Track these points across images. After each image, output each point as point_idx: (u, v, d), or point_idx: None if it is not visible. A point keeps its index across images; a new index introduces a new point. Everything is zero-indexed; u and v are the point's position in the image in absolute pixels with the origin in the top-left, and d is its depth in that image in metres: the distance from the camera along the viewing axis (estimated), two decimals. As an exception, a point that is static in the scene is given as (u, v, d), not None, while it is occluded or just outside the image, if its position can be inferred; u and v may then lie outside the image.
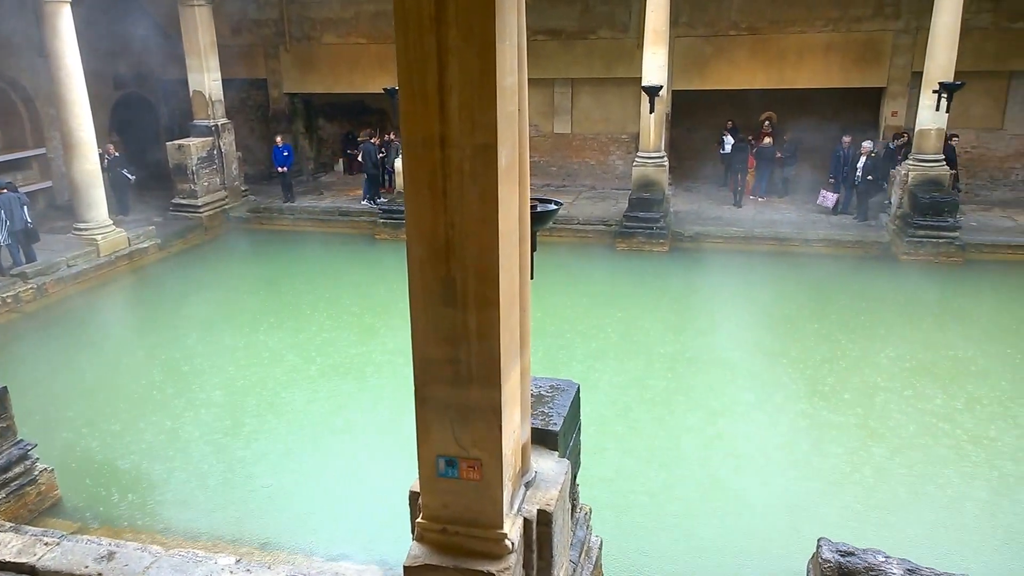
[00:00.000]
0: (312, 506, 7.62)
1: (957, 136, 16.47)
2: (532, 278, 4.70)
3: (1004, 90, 17.52)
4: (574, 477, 5.56)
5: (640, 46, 16.33)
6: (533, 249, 4.74)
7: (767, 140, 17.69)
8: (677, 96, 18.72)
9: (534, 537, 4.47)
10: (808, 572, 5.04)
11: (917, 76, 15.82)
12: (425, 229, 3.74)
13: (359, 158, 19.35)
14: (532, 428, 4.94)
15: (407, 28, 3.43)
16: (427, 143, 3.58)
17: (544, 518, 4.49)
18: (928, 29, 14.77)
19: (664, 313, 12.65)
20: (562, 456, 5.15)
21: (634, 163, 16.64)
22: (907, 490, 7.66)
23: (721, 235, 15.93)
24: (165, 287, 14.57)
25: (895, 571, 4.57)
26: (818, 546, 4.83)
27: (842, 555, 4.69)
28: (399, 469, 6.23)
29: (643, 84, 15.61)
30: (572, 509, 5.46)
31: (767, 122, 18.49)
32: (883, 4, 17.27)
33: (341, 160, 22.56)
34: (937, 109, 14.44)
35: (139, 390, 10.06)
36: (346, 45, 20.38)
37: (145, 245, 15.80)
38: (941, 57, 14.33)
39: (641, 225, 15.90)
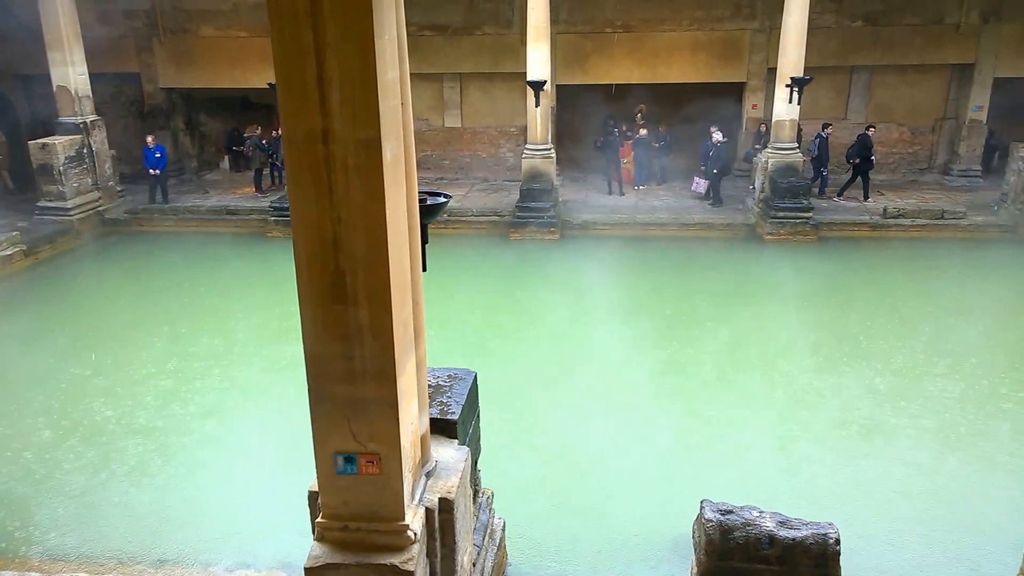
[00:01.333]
0: (211, 518, 7.37)
1: (874, 127, 17.69)
2: (425, 270, 4.75)
3: (846, 83, 19.14)
4: (475, 463, 5.67)
5: (524, 42, 16.61)
6: (425, 242, 4.79)
7: (643, 132, 18.34)
8: (561, 90, 19.16)
9: (437, 525, 4.53)
10: (694, 532, 5.35)
11: (772, 71, 17.00)
12: (311, 225, 3.72)
13: (247, 154, 18.82)
14: (431, 418, 5.00)
15: (282, 22, 3.41)
16: (309, 138, 3.56)
17: (446, 506, 4.56)
18: (780, 28, 15.87)
19: (556, 298, 12.99)
20: (462, 443, 5.24)
21: (523, 155, 16.94)
22: (777, 451, 8.23)
23: (607, 222, 16.51)
24: (32, 297, 13.60)
25: (768, 523, 4.95)
26: (701, 507, 5.16)
27: (722, 514, 5.03)
28: (299, 471, 6.14)
29: (528, 79, 15.90)
30: (474, 494, 5.56)
31: (639, 114, 19.29)
32: (740, 5, 18.43)
33: (227, 157, 21.73)
34: (790, 102, 15.66)
35: (5, 409, 9.40)
36: (226, 38, 19.63)
37: (8, 252, 14.71)
38: (792, 54, 15.46)
39: (532, 215, 16.23)
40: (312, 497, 4.55)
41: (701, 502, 5.20)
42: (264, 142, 18.61)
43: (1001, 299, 12.57)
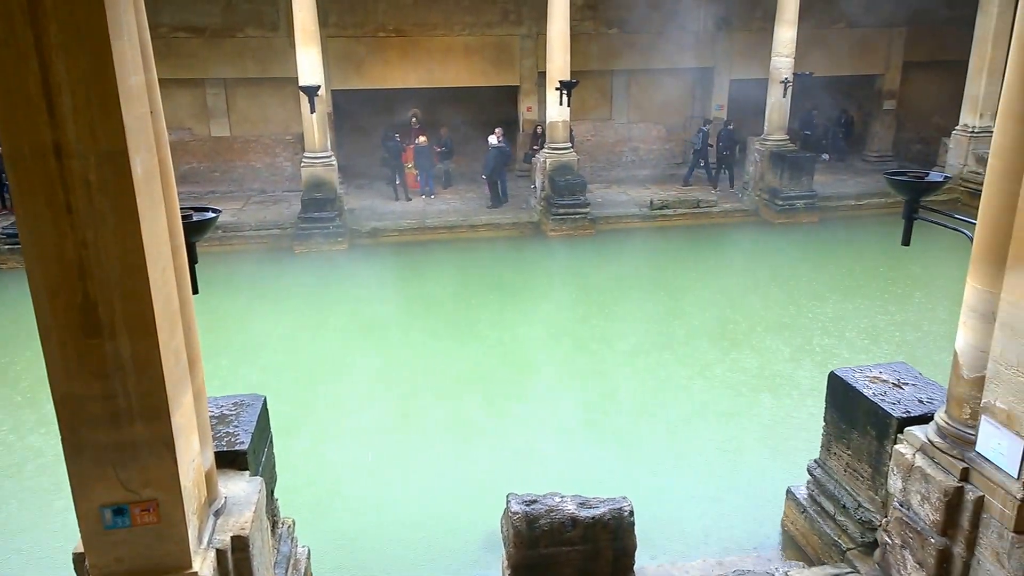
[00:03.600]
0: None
1: (732, 124, 18.97)
2: (196, 293, 4.38)
3: (609, 86, 20.61)
4: (271, 493, 5.35)
5: (293, 46, 15.95)
6: (194, 262, 4.42)
7: (422, 139, 18.36)
8: (338, 95, 18.73)
9: (231, 567, 4.20)
10: (502, 526, 5.44)
11: (542, 75, 17.87)
12: (49, 252, 3.27)
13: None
14: (216, 452, 4.64)
15: (-9, 20, 2.95)
16: (37, 153, 3.13)
17: (240, 544, 4.25)
18: (546, 34, 16.65)
19: (345, 309, 12.62)
20: (254, 474, 4.92)
21: (302, 164, 16.31)
22: (569, 435, 8.67)
23: (396, 228, 16.43)
24: None
25: (569, 506, 5.18)
26: (507, 501, 5.26)
27: (527, 504, 5.17)
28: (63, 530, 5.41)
29: (300, 84, 15.32)
30: (273, 526, 5.24)
31: (413, 119, 19.40)
32: (507, 12, 19.13)
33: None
34: (560, 104, 16.51)
35: None
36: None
37: None
38: (558, 59, 16.35)
39: (317, 226, 15.67)
40: (77, 559, 4.00)
41: (507, 496, 5.29)
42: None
43: (749, 273, 14.17)
